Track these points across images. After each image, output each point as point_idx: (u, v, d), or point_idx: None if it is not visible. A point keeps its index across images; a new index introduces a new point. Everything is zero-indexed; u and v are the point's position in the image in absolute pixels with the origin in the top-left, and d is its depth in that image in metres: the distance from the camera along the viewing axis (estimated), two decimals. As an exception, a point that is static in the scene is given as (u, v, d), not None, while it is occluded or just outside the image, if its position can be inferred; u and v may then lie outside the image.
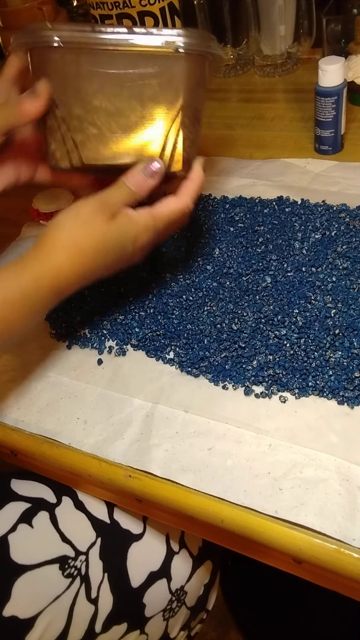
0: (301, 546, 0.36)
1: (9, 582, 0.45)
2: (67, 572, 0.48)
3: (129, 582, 0.50)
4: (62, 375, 0.50)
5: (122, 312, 0.53)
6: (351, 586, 0.39)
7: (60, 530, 0.49)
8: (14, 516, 0.49)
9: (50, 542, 0.48)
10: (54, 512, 0.50)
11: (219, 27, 0.85)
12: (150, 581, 0.52)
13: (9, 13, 0.83)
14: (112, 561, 0.50)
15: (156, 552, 0.53)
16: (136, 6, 0.71)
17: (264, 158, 0.69)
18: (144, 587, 0.51)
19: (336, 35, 0.73)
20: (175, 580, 0.54)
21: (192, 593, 0.57)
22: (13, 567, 0.46)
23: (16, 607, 0.45)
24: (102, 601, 0.49)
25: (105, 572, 0.49)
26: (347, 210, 0.57)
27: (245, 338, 0.46)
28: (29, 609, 0.45)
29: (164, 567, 0.53)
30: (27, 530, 0.48)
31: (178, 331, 0.49)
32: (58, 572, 0.47)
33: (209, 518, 0.39)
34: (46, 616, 0.46)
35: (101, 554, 0.50)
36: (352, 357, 0.43)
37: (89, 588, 0.48)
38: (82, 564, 0.49)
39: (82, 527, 0.51)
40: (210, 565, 0.59)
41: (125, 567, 0.50)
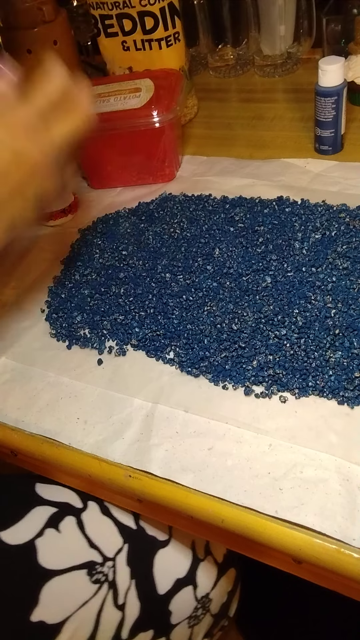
0: (301, 546, 0.36)
1: (36, 587, 0.45)
2: (94, 577, 0.47)
3: (155, 588, 0.50)
4: (62, 375, 0.50)
5: (122, 312, 0.53)
6: (351, 586, 0.39)
7: (87, 536, 0.49)
8: (40, 521, 0.48)
9: (77, 548, 0.48)
10: (80, 517, 0.50)
11: (219, 27, 0.85)
12: (176, 588, 0.51)
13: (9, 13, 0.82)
14: (139, 567, 0.50)
15: (182, 559, 0.53)
16: (136, 6, 0.71)
17: (264, 158, 0.69)
18: (170, 594, 0.51)
19: (336, 35, 0.73)
20: (200, 587, 0.53)
21: (217, 600, 0.56)
22: (41, 572, 0.46)
23: (44, 612, 0.44)
24: (129, 608, 0.48)
25: (132, 578, 0.49)
26: (347, 210, 0.57)
27: (245, 338, 0.46)
28: (56, 615, 0.45)
29: (190, 574, 0.53)
30: (55, 535, 0.48)
31: (178, 331, 0.49)
32: (86, 578, 0.47)
33: (209, 518, 0.39)
34: (73, 622, 0.45)
35: (128, 560, 0.49)
36: (352, 357, 0.43)
37: (117, 594, 0.48)
38: (110, 570, 0.48)
39: (109, 532, 0.50)
40: (234, 573, 0.59)
41: (152, 574, 0.50)
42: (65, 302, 0.56)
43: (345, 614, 0.78)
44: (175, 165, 0.71)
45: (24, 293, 0.59)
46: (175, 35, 0.73)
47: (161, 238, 0.60)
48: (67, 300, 0.56)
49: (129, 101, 0.65)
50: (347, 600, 0.42)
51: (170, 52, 0.74)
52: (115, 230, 0.63)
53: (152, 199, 0.67)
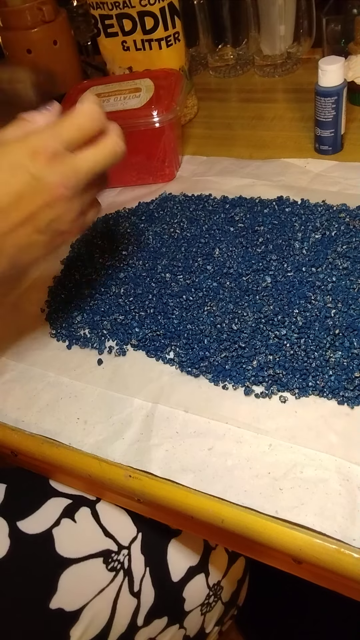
0: (301, 546, 0.36)
1: (55, 575, 0.46)
2: (110, 565, 0.48)
3: (169, 576, 0.51)
4: (62, 375, 0.50)
5: (122, 312, 0.53)
6: (351, 586, 0.39)
7: (102, 525, 0.50)
8: (56, 511, 0.49)
9: (93, 537, 0.49)
10: (95, 508, 0.51)
11: (219, 27, 0.85)
12: (189, 576, 0.53)
13: (9, 13, 0.83)
14: (153, 556, 0.51)
15: (194, 548, 0.54)
16: (136, 6, 0.71)
17: (264, 158, 0.69)
18: (183, 581, 0.52)
19: (336, 35, 0.73)
20: (212, 575, 0.55)
21: (227, 588, 0.58)
22: (59, 560, 0.47)
23: (62, 599, 0.46)
24: (144, 595, 0.50)
25: (147, 566, 0.50)
26: (347, 210, 0.57)
27: (245, 338, 0.46)
28: (74, 602, 0.46)
29: (202, 562, 0.54)
30: (71, 525, 0.49)
31: (178, 331, 0.49)
32: (102, 566, 0.48)
33: (209, 518, 0.39)
34: (91, 609, 0.46)
35: (143, 549, 0.50)
36: (352, 357, 0.43)
37: (132, 582, 0.49)
38: (125, 557, 0.49)
39: (123, 522, 0.51)
40: (244, 562, 0.61)
41: (165, 562, 0.51)
42: (65, 302, 0.56)
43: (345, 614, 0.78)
44: (175, 165, 0.71)
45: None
46: (175, 35, 0.73)
47: (161, 238, 0.60)
48: (67, 300, 0.56)
49: (129, 101, 0.65)
50: (347, 600, 0.42)
51: (170, 52, 0.74)
52: (115, 230, 0.63)
53: (152, 199, 0.67)
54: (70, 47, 0.88)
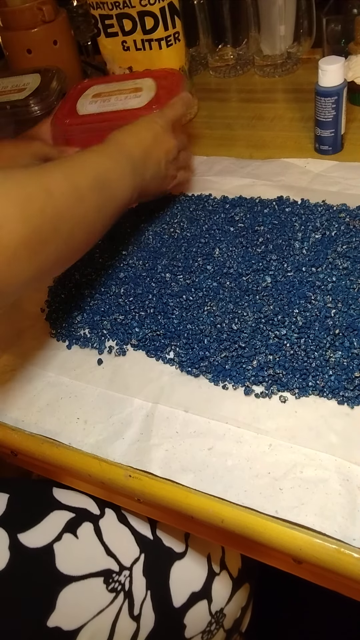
0: (301, 546, 0.36)
1: (54, 592, 0.45)
2: (111, 586, 0.47)
3: (171, 601, 0.50)
4: (62, 375, 0.50)
5: (122, 312, 0.53)
6: (351, 586, 0.39)
7: (104, 543, 0.48)
8: (58, 525, 0.48)
9: (94, 555, 0.48)
10: (97, 524, 0.49)
11: (219, 27, 0.85)
12: (191, 602, 0.51)
13: (9, 13, 0.83)
14: (156, 579, 0.50)
15: (198, 573, 0.53)
16: (136, 6, 0.71)
17: (264, 158, 0.69)
18: (185, 607, 0.50)
19: (336, 35, 0.73)
20: (215, 602, 0.53)
21: (230, 615, 0.56)
22: (58, 577, 0.45)
23: (60, 618, 0.44)
24: (144, 619, 0.48)
25: (148, 589, 0.49)
26: (347, 210, 0.57)
27: (245, 338, 0.46)
28: (72, 621, 0.45)
29: (205, 588, 0.52)
30: (72, 541, 0.47)
31: (178, 331, 0.49)
32: (102, 586, 0.47)
33: (209, 518, 0.39)
34: (89, 630, 0.45)
35: (145, 571, 0.49)
36: (352, 357, 0.43)
37: (132, 604, 0.48)
38: (126, 579, 0.48)
39: (126, 541, 0.50)
40: (248, 588, 0.59)
41: (167, 586, 0.50)
42: (65, 302, 0.56)
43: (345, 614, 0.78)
44: None
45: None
46: (175, 35, 0.73)
47: (161, 238, 0.60)
48: (67, 300, 0.56)
49: (130, 101, 0.65)
50: (347, 600, 0.42)
51: (170, 52, 0.74)
52: (115, 230, 0.63)
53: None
54: (70, 47, 0.89)
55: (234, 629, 0.58)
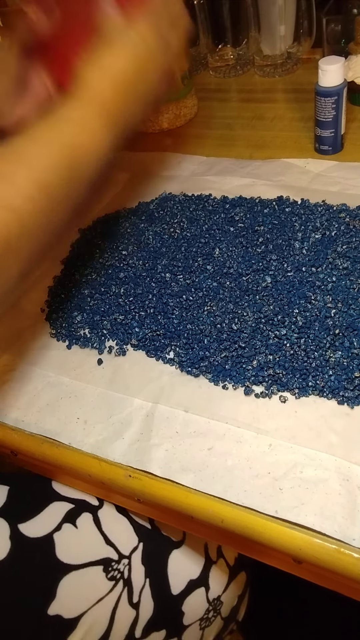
0: (301, 546, 0.36)
1: (54, 580, 0.46)
2: (110, 574, 0.48)
3: (169, 588, 0.50)
4: (62, 375, 0.50)
5: (122, 312, 0.53)
6: (351, 586, 0.39)
7: (103, 533, 0.49)
8: (58, 515, 0.49)
9: (94, 544, 0.48)
10: (97, 514, 0.50)
11: (219, 27, 0.85)
12: (189, 589, 0.52)
13: (9, 13, 0.83)
14: (154, 567, 0.50)
15: (195, 561, 0.53)
16: (136, 6, 0.71)
17: (264, 158, 0.69)
18: (183, 594, 0.51)
19: (336, 35, 0.73)
20: (212, 590, 0.54)
21: (227, 603, 0.57)
22: (59, 566, 0.46)
23: (61, 606, 0.45)
24: (143, 606, 0.49)
25: (147, 577, 0.49)
26: (347, 210, 0.57)
27: (245, 338, 0.46)
28: (73, 609, 0.46)
29: (202, 576, 0.53)
30: (72, 530, 0.48)
31: (178, 331, 0.49)
32: (102, 574, 0.47)
33: (209, 518, 0.39)
34: (89, 618, 0.46)
35: (143, 559, 0.50)
36: (352, 357, 0.43)
37: (131, 592, 0.48)
38: (125, 567, 0.49)
39: (125, 531, 0.51)
40: (244, 577, 0.60)
41: (166, 574, 0.51)
42: (65, 302, 0.56)
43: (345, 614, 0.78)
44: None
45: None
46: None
47: (161, 238, 0.60)
48: (67, 300, 0.56)
49: None
50: (347, 600, 0.42)
51: (170, 52, 0.74)
52: (115, 230, 0.63)
53: (152, 199, 0.67)
54: (70, 47, 0.88)
55: (231, 617, 0.59)
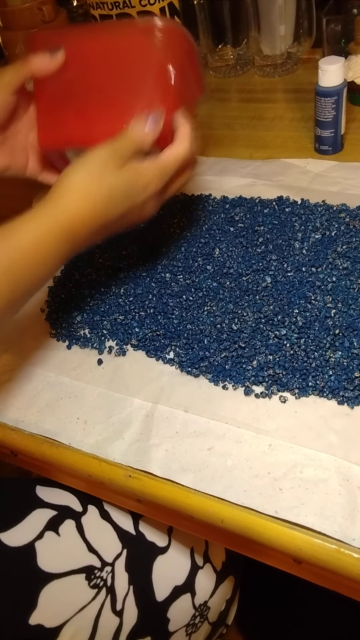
0: (301, 546, 0.36)
1: (35, 590, 0.45)
2: (93, 582, 0.47)
3: (153, 595, 0.50)
4: (62, 375, 0.50)
5: (122, 312, 0.53)
6: (351, 586, 0.39)
7: (86, 540, 0.49)
8: (40, 523, 0.48)
9: (76, 552, 0.48)
10: (80, 521, 0.50)
11: (219, 27, 0.85)
12: (174, 595, 0.51)
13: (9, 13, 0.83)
14: (138, 574, 0.50)
15: (181, 566, 0.53)
16: (136, 6, 0.71)
17: (264, 158, 0.69)
18: (168, 601, 0.51)
19: (336, 35, 0.73)
20: (199, 595, 0.53)
21: (215, 608, 0.56)
22: (40, 575, 0.46)
23: (42, 615, 0.44)
24: (127, 614, 0.48)
25: (130, 584, 0.49)
26: (347, 210, 0.57)
27: (245, 338, 0.46)
28: (54, 618, 0.45)
29: (188, 582, 0.53)
30: (54, 538, 0.48)
31: (178, 331, 0.49)
32: (84, 582, 0.47)
33: (209, 518, 0.39)
34: (71, 626, 0.45)
35: (127, 566, 0.49)
36: (352, 357, 0.43)
37: (115, 600, 0.48)
38: (108, 575, 0.48)
39: (108, 537, 0.50)
40: (233, 581, 0.59)
41: (150, 580, 0.50)
42: (65, 302, 0.56)
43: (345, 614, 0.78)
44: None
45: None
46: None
47: (161, 238, 0.60)
48: (67, 300, 0.56)
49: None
50: (347, 600, 0.42)
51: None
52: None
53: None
54: (70, 47, 0.88)
55: (219, 621, 0.58)
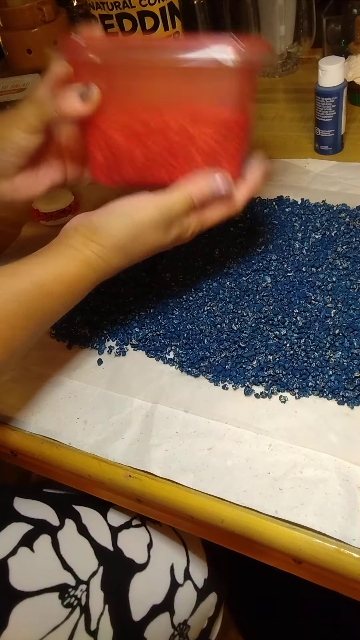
0: (301, 546, 0.36)
1: (7, 608, 0.44)
2: (66, 601, 0.46)
3: (130, 614, 0.49)
4: (62, 375, 0.50)
5: (122, 312, 0.53)
6: (351, 586, 0.39)
7: (61, 557, 0.48)
8: (15, 539, 0.47)
9: (50, 569, 0.47)
10: (56, 537, 0.49)
11: (219, 27, 0.84)
12: (152, 615, 0.50)
13: (9, 13, 0.83)
14: (114, 592, 0.49)
15: (160, 584, 0.52)
16: (136, 6, 0.71)
17: (268, 158, 0.69)
18: (146, 620, 0.49)
19: (336, 35, 0.73)
20: (178, 613, 0.52)
21: (195, 627, 0.55)
22: (12, 593, 0.45)
23: (13, 635, 0.43)
24: (101, 634, 0.47)
25: (106, 603, 0.48)
26: (347, 210, 0.57)
27: (245, 338, 0.46)
28: (26, 638, 0.44)
29: (167, 600, 0.51)
30: (28, 555, 0.47)
31: (178, 331, 0.49)
32: (57, 601, 0.46)
33: (209, 518, 0.39)
34: None
35: (103, 584, 0.48)
36: (352, 357, 0.43)
37: (89, 619, 0.47)
38: (83, 593, 0.47)
39: (84, 554, 0.49)
40: (215, 598, 0.58)
41: (127, 599, 0.49)
42: (65, 302, 0.56)
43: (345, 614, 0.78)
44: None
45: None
46: (175, 36, 0.73)
47: (161, 238, 0.60)
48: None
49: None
50: (347, 600, 0.42)
51: (170, 52, 0.74)
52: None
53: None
54: (70, 47, 0.89)
55: (201, 639, 0.57)
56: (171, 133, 0.40)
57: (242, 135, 0.42)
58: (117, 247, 0.40)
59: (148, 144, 0.41)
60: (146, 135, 0.40)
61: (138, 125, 0.40)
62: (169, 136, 0.40)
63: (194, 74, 0.38)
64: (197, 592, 0.55)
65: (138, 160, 0.41)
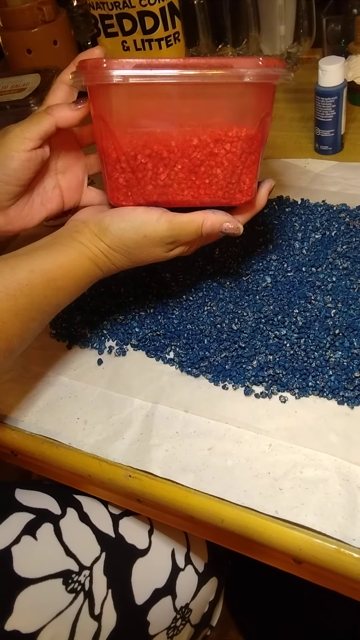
0: (301, 546, 0.36)
1: (11, 595, 0.45)
2: (70, 587, 0.47)
3: (133, 598, 0.50)
4: (62, 375, 0.50)
5: (122, 312, 0.53)
6: (351, 586, 0.39)
7: (64, 544, 0.48)
8: (17, 528, 0.48)
9: (54, 556, 0.48)
10: (58, 525, 0.49)
11: (219, 27, 0.85)
12: (155, 598, 0.51)
13: (9, 13, 0.83)
14: (117, 577, 0.49)
15: (161, 569, 0.53)
16: (136, 6, 0.71)
17: (264, 158, 0.69)
18: (148, 604, 0.50)
19: (336, 35, 0.73)
20: (180, 597, 0.53)
21: (197, 610, 0.56)
22: (16, 581, 0.45)
23: (18, 621, 0.44)
24: (105, 618, 0.48)
25: (109, 588, 0.49)
26: (347, 210, 0.57)
27: (245, 338, 0.46)
28: (31, 624, 0.45)
29: (169, 584, 0.52)
30: (31, 543, 0.47)
31: (178, 331, 0.49)
32: (61, 587, 0.47)
33: (209, 518, 0.39)
34: (49, 631, 0.45)
35: (105, 570, 0.49)
36: (352, 357, 0.43)
37: (93, 604, 0.48)
38: (86, 579, 0.48)
39: (87, 540, 0.50)
40: (216, 582, 0.59)
41: (129, 584, 0.50)
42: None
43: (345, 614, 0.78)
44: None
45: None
46: (175, 35, 0.73)
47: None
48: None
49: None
50: (347, 600, 0.42)
51: (170, 52, 0.74)
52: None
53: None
54: (70, 47, 0.89)
55: (203, 623, 0.58)
56: (194, 151, 0.41)
57: (260, 148, 0.43)
58: (123, 251, 0.42)
59: (171, 164, 0.41)
60: (169, 155, 0.41)
61: (161, 146, 0.41)
62: (192, 155, 0.41)
63: (215, 91, 0.39)
64: (198, 576, 0.56)
65: (160, 179, 0.42)
